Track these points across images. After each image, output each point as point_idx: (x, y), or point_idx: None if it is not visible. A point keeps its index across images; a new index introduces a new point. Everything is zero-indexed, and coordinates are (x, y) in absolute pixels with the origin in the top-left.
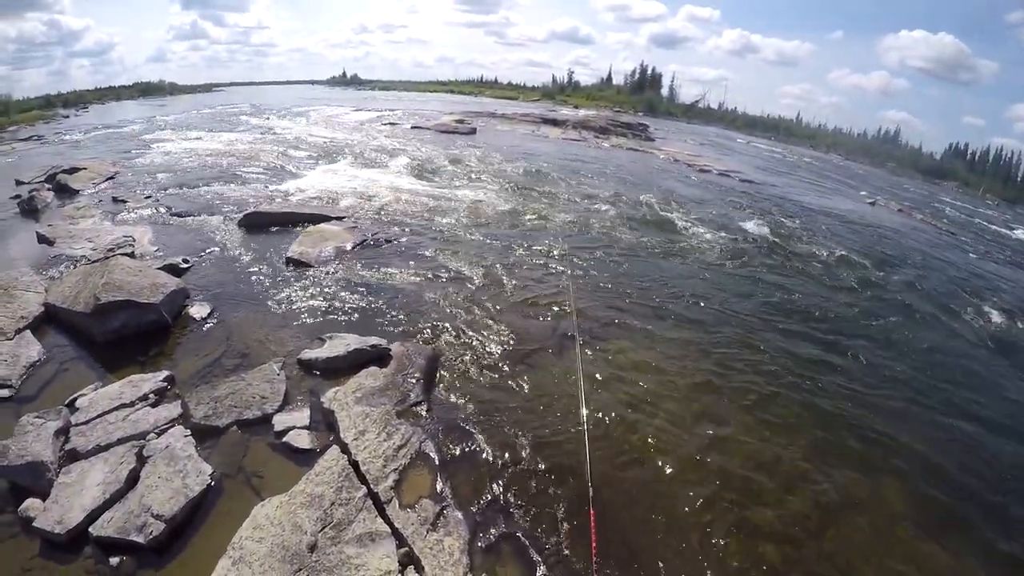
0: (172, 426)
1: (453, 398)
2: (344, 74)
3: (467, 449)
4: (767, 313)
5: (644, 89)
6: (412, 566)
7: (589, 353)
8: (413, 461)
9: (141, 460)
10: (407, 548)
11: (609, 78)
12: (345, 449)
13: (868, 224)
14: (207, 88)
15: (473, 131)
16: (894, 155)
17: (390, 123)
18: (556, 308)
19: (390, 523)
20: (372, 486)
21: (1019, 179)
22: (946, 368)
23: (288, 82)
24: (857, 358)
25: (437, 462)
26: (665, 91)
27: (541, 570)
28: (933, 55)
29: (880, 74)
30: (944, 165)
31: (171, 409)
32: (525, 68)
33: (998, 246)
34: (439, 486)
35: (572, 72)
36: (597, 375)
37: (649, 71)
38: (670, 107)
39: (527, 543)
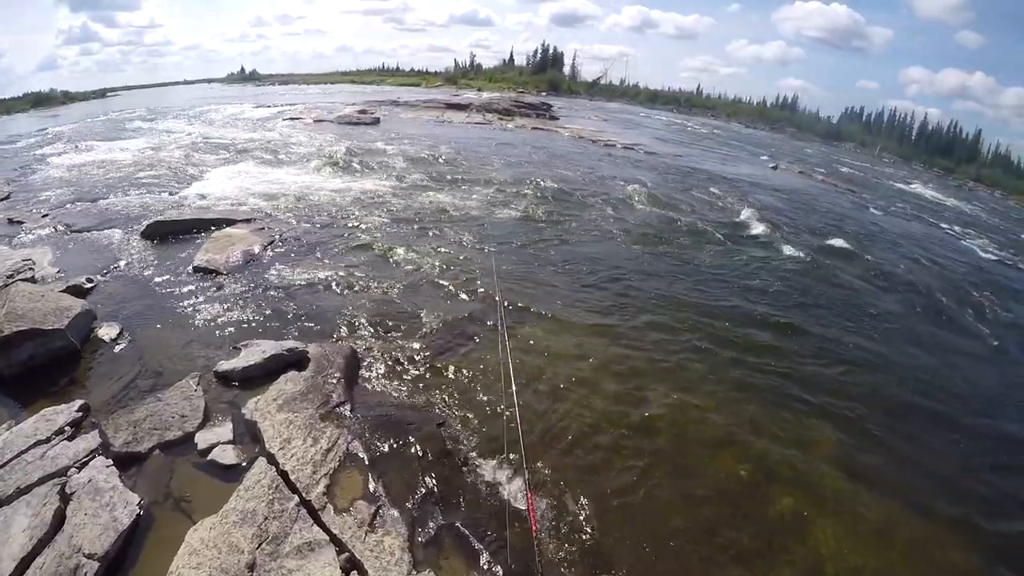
0: (92, 458)
1: (376, 394)
2: (242, 70)
3: (396, 445)
4: (678, 281)
5: (546, 68)
6: (355, 571)
7: (512, 338)
8: (343, 464)
9: (65, 498)
10: (348, 553)
11: (511, 59)
12: (272, 460)
13: (771, 187)
14: (102, 94)
15: (377, 121)
16: (793, 121)
17: (292, 118)
18: (472, 294)
19: (327, 530)
20: (304, 494)
21: (913, 138)
22: (856, 315)
23: (186, 82)
24: (769, 318)
25: (367, 461)
26: (567, 70)
27: (485, 557)
28: (827, 24)
29: (777, 44)
30: (841, 128)
31: (89, 440)
32: (427, 54)
33: (896, 199)
34: (372, 486)
35: (474, 55)
36: (521, 358)
37: (551, 50)
38: (573, 85)
39: (467, 532)
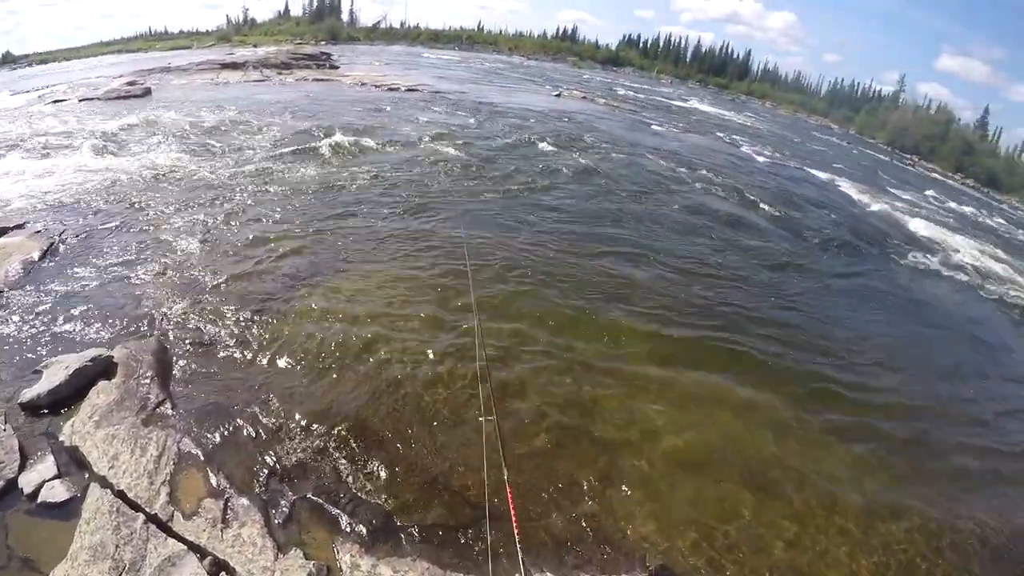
0: None
1: (194, 383)
2: None
3: (226, 430)
4: (483, 202)
5: (324, 17)
6: (223, 572)
7: (311, 297)
8: (178, 466)
9: None
10: (211, 556)
11: (287, 11)
12: (105, 482)
13: (555, 112)
14: None
15: (148, 92)
16: (574, 50)
17: (55, 101)
18: (273, 258)
19: (182, 539)
20: (148, 509)
21: (688, 59)
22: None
23: None
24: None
25: (202, 457)
26: (346, 16)
27: (345, 519)
28: None
29: None
30: (620, 54)
31: None
32: (197, 12)
33: (674, 115)
34: (214, 480)
35: (247, 9)
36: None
37: None
38: (352, 32)
39: (320, 499)
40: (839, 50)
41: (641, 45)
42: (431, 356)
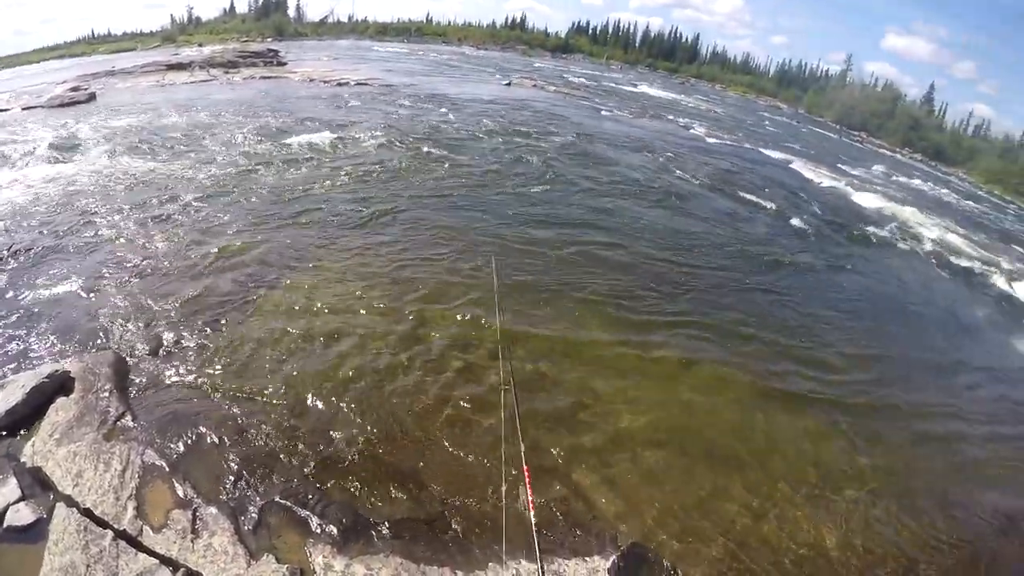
0: None
1: (154, 392)
2: None
3: (189, 439)
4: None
5: (270, 13)
6: None
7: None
8: (144, 479)
9: None
10: (183, 568)
11: (232, 8)
12: (71, 501)
13: (504, 101)
14: None
15: (92, 97)
16: (523, 39)
17: None
18: (229, 260)
19: (153, 553)
20: (116, 525)
21: (637, 45)
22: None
23: None
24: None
25: (167, 468)
26: (292, 12)
27: (315, 520)
28: None
29: None
30: (570, 41)
31: None
32: (140, 13)
33: (624, 99)
34: (181, 491)
35: (192, 8)
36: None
37: None
38: (300, 27)
39: (289, 502)
40: (787, 32)
41: (590, 32)
42: (388, 348)
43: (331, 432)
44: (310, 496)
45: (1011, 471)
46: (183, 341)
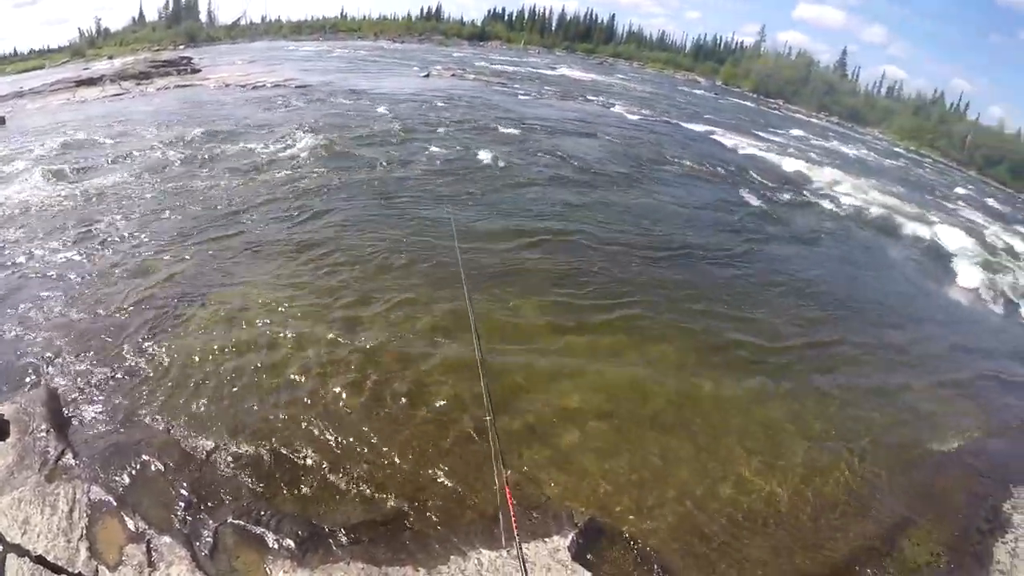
0: None
1: (92, 425)
2: None
3: (133, 469)
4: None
5: (181, 20)
6: None
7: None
8: (93, 517)
9: None
10: None
11: (141, 16)
12: (21, 550)
13: (423, 92)
14: None
15: (2, 121)
16: (440, 29)
17: None
18: (157, 280)
19: None
20: (71, 569)
21: (553, 29)
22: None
23: None
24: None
25: (115, 502)
26: (204, 16)
27: (271, 536)
28: None
29: None
30: (486, 28)
31: None
32: (45, 29)
33: (543, 83)
34: (132, 524)
35: (99, 19)
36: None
37: None
38: (212, 32)
39: (243, 521)
40: (700, 7)
41: (507, 18)
42: (323, 352)
43: (275, 444)
44: (263, 512)
45: (950, 413)
46: (116, 368)
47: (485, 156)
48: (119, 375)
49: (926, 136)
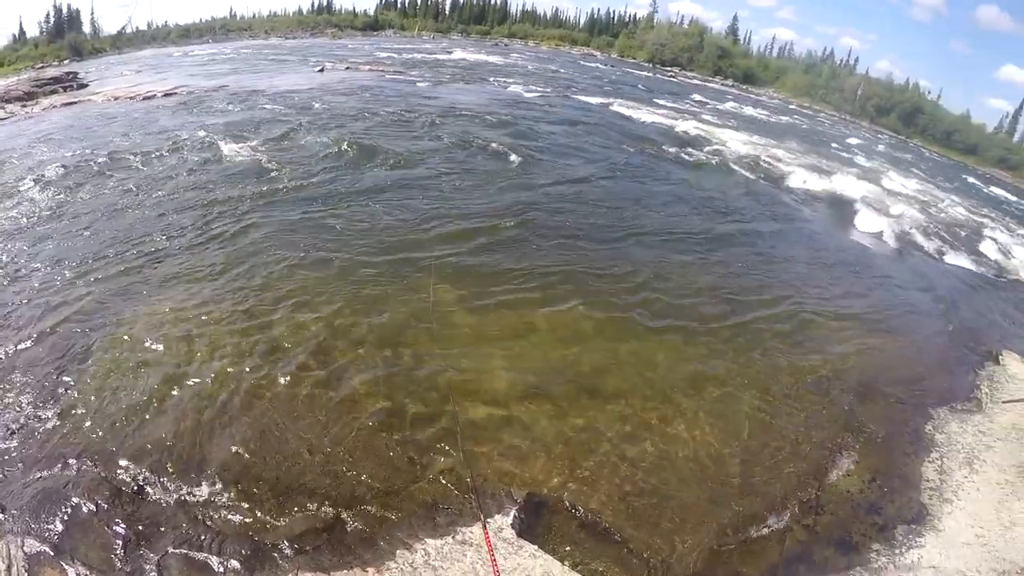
0: None
1: (13, 472)
2: None
3: (66, 514)
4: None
5: (64, 33)
6: None
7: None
8: (32, 570)
9: None
10: None
11: (22, 33)
12: None
13: (318, 88)
14: None
15: None
16: (332, 21)
17: None
18: (60, 304)
19: None
20: None
21: (447, 13)
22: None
23: None
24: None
25: (52, 552)
26: (88, 27)
27: (215, 560)
28: None
29: None
30: (380, 17)
31: None
32: None
33: (440, 68)
34: (72, 572)
35: None
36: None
37: (64, 10)
38: (97, 43)
39: (183, 549)
40: None
41: (400, 5)
42: (244, 365)
43: (205, 464)
44: (203, 536)
45: (865, 349)
46: (28, 406)
47: (383, 145)
48: (33, 412)
49: (818, 92)
